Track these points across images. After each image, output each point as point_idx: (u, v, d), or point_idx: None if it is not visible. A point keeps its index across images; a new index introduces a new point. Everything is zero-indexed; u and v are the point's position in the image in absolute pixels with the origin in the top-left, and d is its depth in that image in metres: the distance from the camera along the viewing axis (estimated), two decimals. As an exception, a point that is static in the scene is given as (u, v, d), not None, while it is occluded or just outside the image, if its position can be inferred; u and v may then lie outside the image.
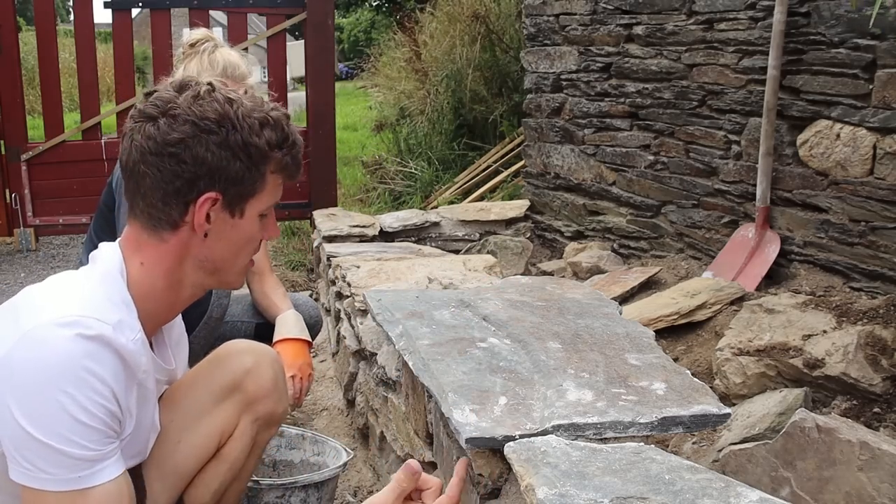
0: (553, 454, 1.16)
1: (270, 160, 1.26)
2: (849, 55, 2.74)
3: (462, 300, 1.93)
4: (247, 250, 1.33)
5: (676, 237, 3.60)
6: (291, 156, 1.29)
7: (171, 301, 1.32)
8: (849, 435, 1.67)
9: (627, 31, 3.72)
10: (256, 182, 1.26)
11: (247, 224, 1.29)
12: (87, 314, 1.15)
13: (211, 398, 1.49)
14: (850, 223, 2.82)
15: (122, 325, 1.19)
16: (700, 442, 2.17)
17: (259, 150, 1.24)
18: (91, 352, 1.13)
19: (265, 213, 1.32)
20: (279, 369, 1.58)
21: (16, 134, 4.62)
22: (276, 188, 1.31)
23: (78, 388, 1.12)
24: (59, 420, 1.11)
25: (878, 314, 2.39)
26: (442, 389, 1.42)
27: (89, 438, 1.14)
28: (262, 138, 1.24)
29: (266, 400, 1.53)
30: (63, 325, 1.13)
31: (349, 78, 17.87)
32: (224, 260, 1.30)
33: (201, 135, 1.21)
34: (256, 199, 1.28)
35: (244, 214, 1.28)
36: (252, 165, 1.24)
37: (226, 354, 1.56)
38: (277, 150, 1.27)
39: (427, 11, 7.02)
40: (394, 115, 7.40)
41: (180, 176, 1.22)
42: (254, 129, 1.24)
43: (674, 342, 2.72)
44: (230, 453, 1.51)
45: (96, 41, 4.93)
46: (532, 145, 4.39)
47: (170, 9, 4.65)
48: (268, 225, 1.35)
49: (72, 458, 1.13)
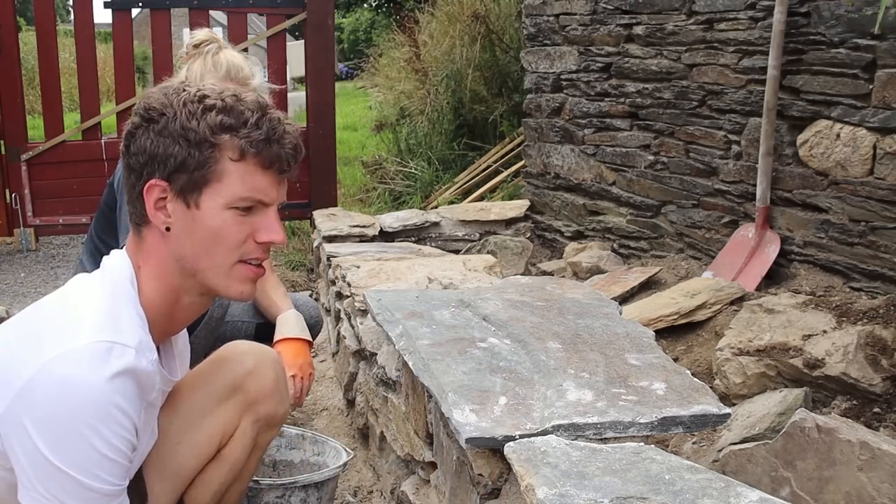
0: (553, 454, 1.16)
1: (218, 146, 1.19)
2: (849, 55, 2.74)
3: (462, 300, 1.93)
4: (221, 248, 1.23)
5: (676, 237, 3.60)
6: (252, 140, 1.20)
7: (170, 311, 1.28)
8: (849, 435, 1.67)
9: (627, 31, 3.72)
10: (206, 168, 1.19)
11: (208, 217, 1.21)
12: (113, 339, 1.14)
13: (212, 399, 1.49)
14: (850, 223, 2.82)
15: (142, 346, 1.18)
16: (700, 442, 2.17)
17: (198, 134, 1.19)
18: (120, 388, 1.12)
19: (246, 207, 1.22)
20: (280, 371, 1.58)
21: (16, 134, 4.62)
22: (246, 178, 1.21)
23: (106, 423, 1.11)
24: (86, 454, 1.11)
25: (878, 314, 2.39)
26: (442, 389, 1.42)
27: (112, 473, 1.14)
28: (204, 122, 1.19)
29: (267, 401, 1.53)
30: (93, 355, 1.11)
31: (349, 78, 17.86)
32: (196, 258, 1.23)
33: (144, 125, 1.21)
34: (213, 189, 1.20)
35: (200, 205, 1.21)
36: (194, 150, 1.19)
37: (227, 356, 1.55)
38: (226, 134, 1.20)
39: (427, 11, 7.02)
40: (394, 115, 7.39)
41: (133, 169, 1.23)
42: (194, 114, 1.19)
43: (674, 342, 2.72)
44: (231, 454, 1.51)
45: (96, 41, 4.93)
46: (532, 145, 4.39)
47: (170, 9, 4.65)
48: (259, 224, 1.24)
49: (95, 493, 1.13)
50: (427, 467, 1.76)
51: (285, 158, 1.24)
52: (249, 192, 1.22)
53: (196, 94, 1.22)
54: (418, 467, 1.84)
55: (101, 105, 4.88)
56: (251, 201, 1.23)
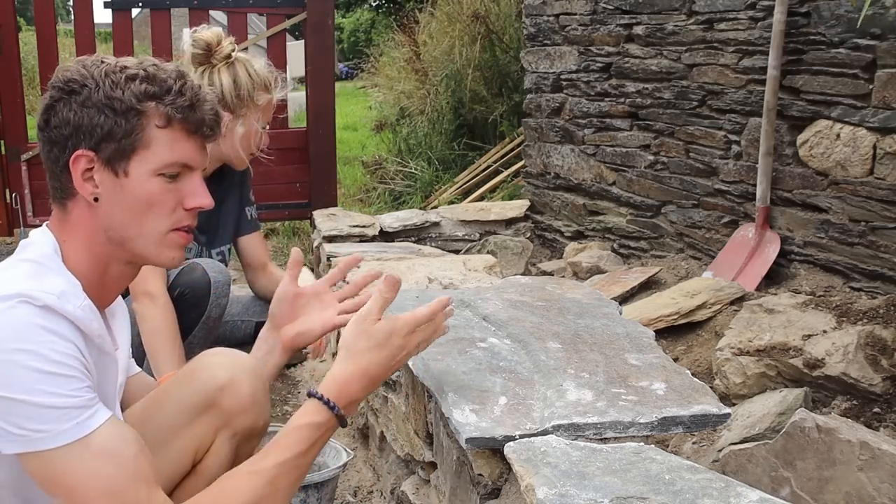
0: (553, 454, 1.16)
1: (145, 113, 1.21)
2: (849, 55, 2.74)
3: (462, 300, 1.93)
4: (152, 215, 1.25)
5: (676, 237, 3.60)
6: (177, 107, 1.22)
7: (98, 281, 1.27)
8: (849, 435, 1.67)
9: (627, 31, 3.72)
10: (134, 136, 1.21)
11: (136, 184, 1.23)
12: (29, 287, 1.13)
13: (185, 414, 1.43)
14: (850, 223, 2.82)
15: (65, 294, 1.16)
16: (700, 442, 2.17)
17: (124, 102, 1.20)
18: (42, 313, 1.12)
19: (173, 174, 1.25)
20: (258, 382, 1.49)
21: (16, 134, 4.61)
22: (174, 144, 1.24)
23: (38, 342, 1.10)
24: (27, 375, 1.09)
25: (878, 314, 2.39)
26: (442, 389, 1.43)
27: (69, 387, 1.12)
28: (129, 91, 1.21)
29: (244, 415, 1.45)
30: (4, 297, 1.11)
31: (349, 78, 17.85)
32: (125, 227, 1.25)
33: (65, 97, 1.22)
34: (141, 156, 1.22)
35: (129, 173, 1.22)
36: (120, 118, 1.20)
37: (199, 368, 1.48)
38: (151, 102, 1.22)
39: (427, 11, 7.02)
40: (394, 115, 7.39)
41: (55, 142, 1.23)
42: (118, 83, 1.21)
43: (674, 342, 2.72)
44: (206, 469, 1.44)
45: (96, 41, 4.93)
46: (532, 145, 4.39)
47: (170, 9, 4.65)
48: (186, 191, 1.27)
49: (58, 409, 1.10)
50: (427, 467, 1.76)
51: (209, 124, 1.27)
52: (177, 158, 1.24)
53: (117, 65, 1.23)
54: (418, 467, 1.84)
55: (101, 105, 4.87)
56: (178, 167, 1.25)
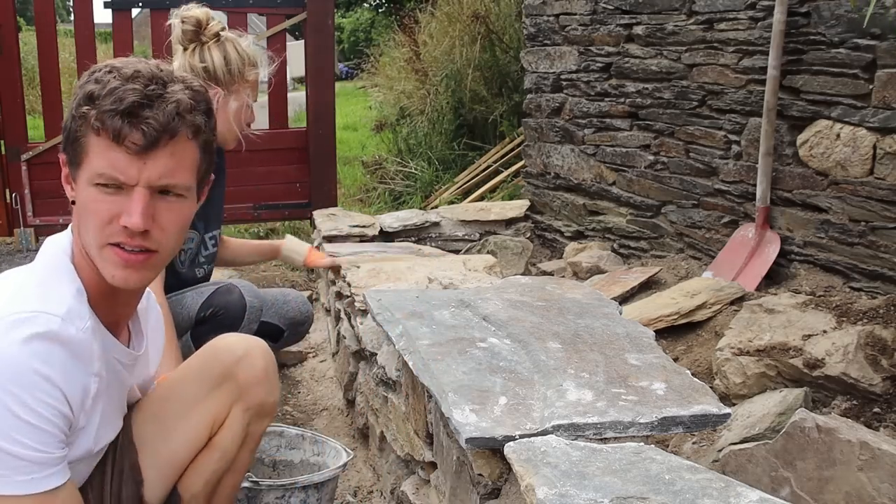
0: (553, 454, 1.16)
1: (85, 117, 1.17)
2: (849, 55, 2.74)
3: (462, 300, 1.93)
4: (91, 226, 1.19)
5: (676, 237, 3.60)
6: (104, 111, 1.14)
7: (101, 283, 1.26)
8: (849, 435, 1.67)
9: (627, 31, 3.72)
10: (78, 142, 1.18)
11: (80, 192, 1.21)
12: (34, 309, 1.14)
13: (203, 388, 1.50)
14: (850, 223, 2.82)
15: (70, 314, 1.18)
16: (700, 442, 2.17)
17: (75, 106, 1.19)
18: (39, 352, 1.12)
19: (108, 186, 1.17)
20: (270, 359, 1.58)
21: (16, 134, 4.62)
22: (104, 153, 1.16)
23: (24, 388, 1.11)
24: (6, 421, 1.10)
25: (878, 314, 2.39)
26: (442, 389, 1.42)
27: (38, 440, 1.13)
28: (81, 93, 1.18)
29: (257, 388, 1.53)
30: (9, 325, 1.12)
31: (349, 78, 17.85)
32: (80, 233, 1.24)
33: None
34: (85, 164, 1.18)
35: (77, 179, 1.21)
36: (71, 123, 1.19)
37: (217, 345, 1.57)
38: (87, 106, 1.16)
39: (427, 11, 7.01)
40: (394, 115, 7.39)
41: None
42: (84, 84, 1.19)
43: (674, 342, 2.71)
44: (221, 441, 1.52)
45: (96, 41, 4.93)
46: (532, 145, 4.39)
47: (170, 9, 4.64)
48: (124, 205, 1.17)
49: (20, 460, 1.12)
50: (427, 467, 1.76)
51: (142, 133, 1.14)
52: (104, 169, 1.16)
53: (105, 66, 1.21)
54: (418, 467, 1.84)
55: (101, 105, 4.88)
56: (107, 178, 1.17)
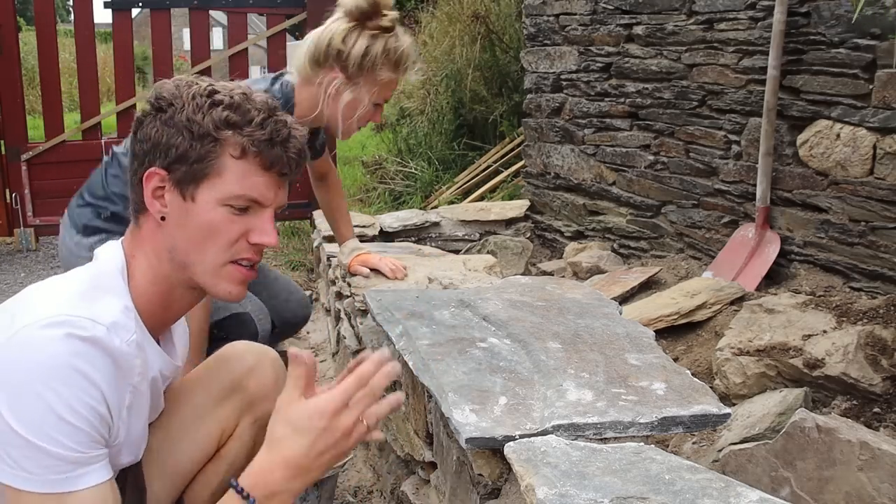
0: (553, 454, 1.16)
1: (221, 141, 1.20)
2: (849, 55, 2.74)
3: (462, 300, 1.93)
4: (212, 244, 1.23)
5: (676, 237, 3.60)
6: (254, 140, 1.21)
7: (163, 300, 1.28)
8: (849, 435, 1.67)
9: (627, 31, 3.72)
10: (206, 162, 1.20)
11: (202, 210, 1.22)
12: (80, 314, 1.13)
13: (212, 398, 1.49)
14: (850, 223, 2.82)
15: (116, 326, 1.17)
16: (700, 442, 2.17)
17: (202, 127, 1.20)
18: (81, 352, 1.11)
19: (241, 207, 1.22)
20: (280, 370, 1.58)
21: (16, 134, 4.62)
22: (246, 177, 1.22)
23: (66, 385, 1.10)
24: (45, 418, 1.09)
25: (878, 314, 2.39)
26: (442, 389, 1.42)
27: (75, 439, 1.12)
28: (209, 117, 1.20)
29: (266, 400, 1.51)
30: (53, 324, 1.11)
31: (349, 78, 17.82)
32: (186, 252, 1.24)
33: (153, 113, 1.23)
34: (210, 184, 1.21)
35: (196, 198, 1.22)
36: (196, 142, 1.20)
37: (227, 354, 1.56)
38: (229, 131, 1.20)
39: (427, 11, 7.01)
40: (394, 115, 7.39)
41: (137, 155, 1.24)
42: (201, 107, 1.20)
43: (674, 342, 2.72)
44: (229, 453, 1.51)
45: (96, 41, 4.93)
46: (532, 145, 4.39)
47: (170, 9, 4.66)
48: (254, 225, 1.24)
49: (55, 459, 1.11)
50: (427, 467, 1.76)
51: (287, 162, 1.24)
52: (246, 191, 1.22)
53: (206, 89, 1.23)
54: (418, 467, 1.84)
55: (102, 105, 4.88)
56: (246, 200, 1.23)
